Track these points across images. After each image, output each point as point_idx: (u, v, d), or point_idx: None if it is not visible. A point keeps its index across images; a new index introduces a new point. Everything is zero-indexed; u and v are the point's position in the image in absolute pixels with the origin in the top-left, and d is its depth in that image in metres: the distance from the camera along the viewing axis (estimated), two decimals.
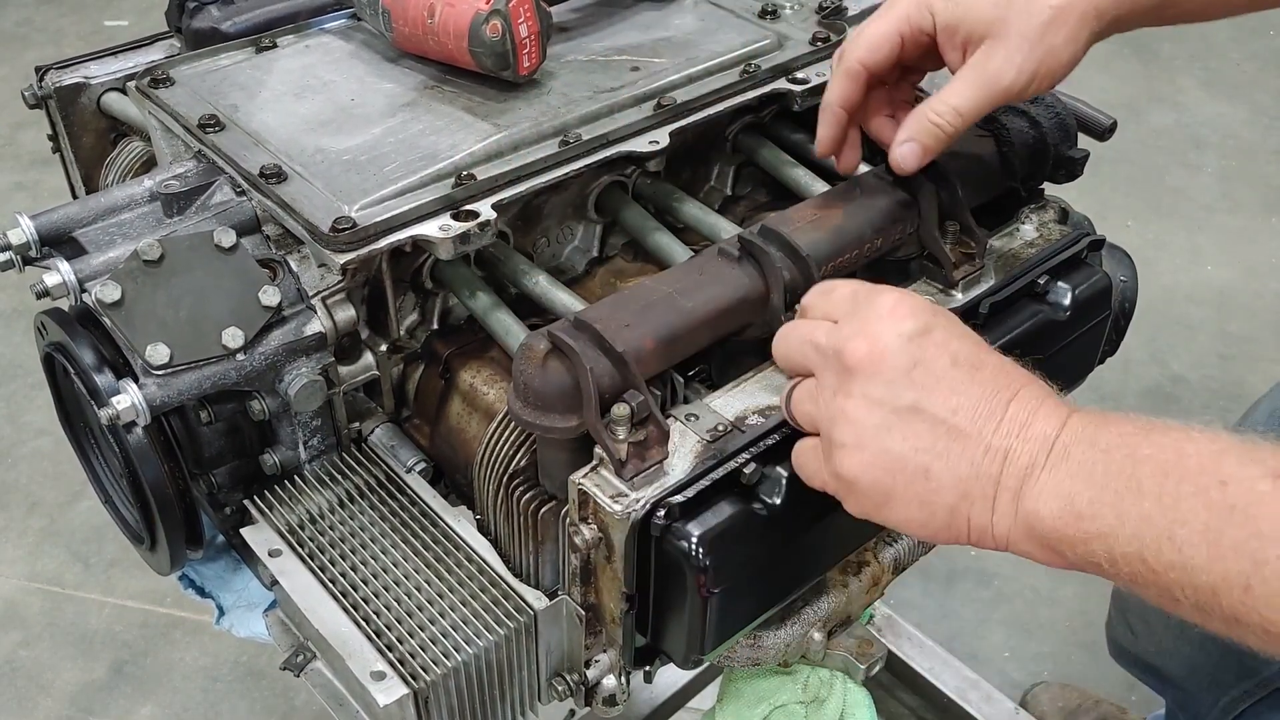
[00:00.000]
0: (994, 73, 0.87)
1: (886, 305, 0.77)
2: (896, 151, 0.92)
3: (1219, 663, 1.44)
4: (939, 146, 0.91)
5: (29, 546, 2.36)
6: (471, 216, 0.94)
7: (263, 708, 2.07)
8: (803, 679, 1.14)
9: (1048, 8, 0.86)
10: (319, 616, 0.92)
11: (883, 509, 0.76)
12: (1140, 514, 0.66)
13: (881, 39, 0.90)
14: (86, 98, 1.20)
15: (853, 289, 0.81)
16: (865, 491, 0.76)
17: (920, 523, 0.75)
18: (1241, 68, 3.88)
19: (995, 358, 0.76)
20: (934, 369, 0.74)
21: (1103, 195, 3.22)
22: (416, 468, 1.02)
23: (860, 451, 0.75)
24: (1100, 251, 1.07)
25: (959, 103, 0.89)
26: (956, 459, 0.72)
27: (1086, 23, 0.88)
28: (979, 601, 2.23)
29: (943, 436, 0.73)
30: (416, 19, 1.07)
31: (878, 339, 0.75)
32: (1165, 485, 0.65)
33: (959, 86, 0.89)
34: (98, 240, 0.98)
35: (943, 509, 0.73)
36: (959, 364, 0.74)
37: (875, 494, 0.75)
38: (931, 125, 0.90)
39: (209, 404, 0.95)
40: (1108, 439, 0.69)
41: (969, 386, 0.73)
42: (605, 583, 0.86)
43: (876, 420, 0.74)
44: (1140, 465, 0.67)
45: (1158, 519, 0.65)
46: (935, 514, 0.74)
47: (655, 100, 1.08)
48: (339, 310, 0.96)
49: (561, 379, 0.82)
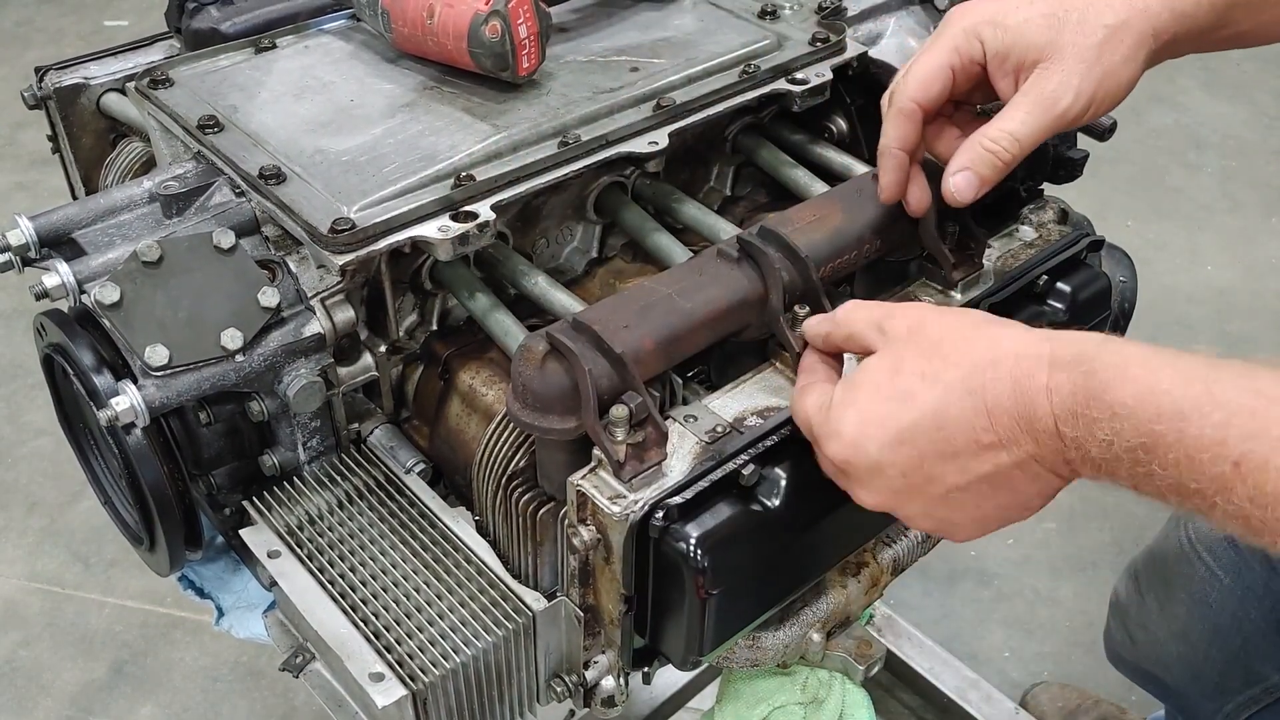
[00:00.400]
0: (1051, 97, 0.84)
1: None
2: (951, 181, 0.87)
3: (1224, 670, 1.44)
4: (996, 176, 0.87)
5: (29, 546, 2.36)
6: (470, 217, 0.94)
7: (263, 708, 2.07)
8: (801, 680, 1.14)
9: (1102, 27, 0.83)
10: (318, 617, 0.92)
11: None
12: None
13: (933, 74, 0.86)
14: (86, 98, 1.20)
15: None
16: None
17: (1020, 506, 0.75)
18: (1241, 68, 3.88)
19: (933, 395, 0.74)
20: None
21: (1103, 195, 3.22)
22: (415, 469, 1.02)
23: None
24: (1100, 252, 1.07)
25: (1015, 128, 0.85)
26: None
27: (1144, 42, 0.85)
28: (979, 601, 2.23)
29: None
30: (416, 20, 1.07)
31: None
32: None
33: (1015, 112, 0.85)
34: (97, 241, 0.98)
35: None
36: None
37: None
38: (988, 154, 0.86)
39: (208, 405, 0.95)
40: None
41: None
42: (604, 584, 0.86)
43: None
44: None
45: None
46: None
47: (654, 101, 1.08)
48: (338, 311, 0.96)
49: (560, 380, 0.82)
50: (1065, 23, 0.84)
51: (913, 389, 0.74)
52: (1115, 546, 2.32)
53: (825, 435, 0.78)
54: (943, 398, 0.72)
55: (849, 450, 0.76)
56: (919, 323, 0.77)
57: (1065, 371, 0.68)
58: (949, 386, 0.72)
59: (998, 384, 0.70)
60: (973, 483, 0.73)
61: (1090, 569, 2.28)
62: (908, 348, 0.76)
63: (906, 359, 0.75)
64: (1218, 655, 1.43)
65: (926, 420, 0.72)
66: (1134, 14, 0.84)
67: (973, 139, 0.87)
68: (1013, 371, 0.70)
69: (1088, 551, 2.31)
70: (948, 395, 0.72)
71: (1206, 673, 1.46)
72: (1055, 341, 0.70)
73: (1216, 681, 1.45)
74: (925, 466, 0.73)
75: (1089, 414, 0.66)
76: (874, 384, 0.76)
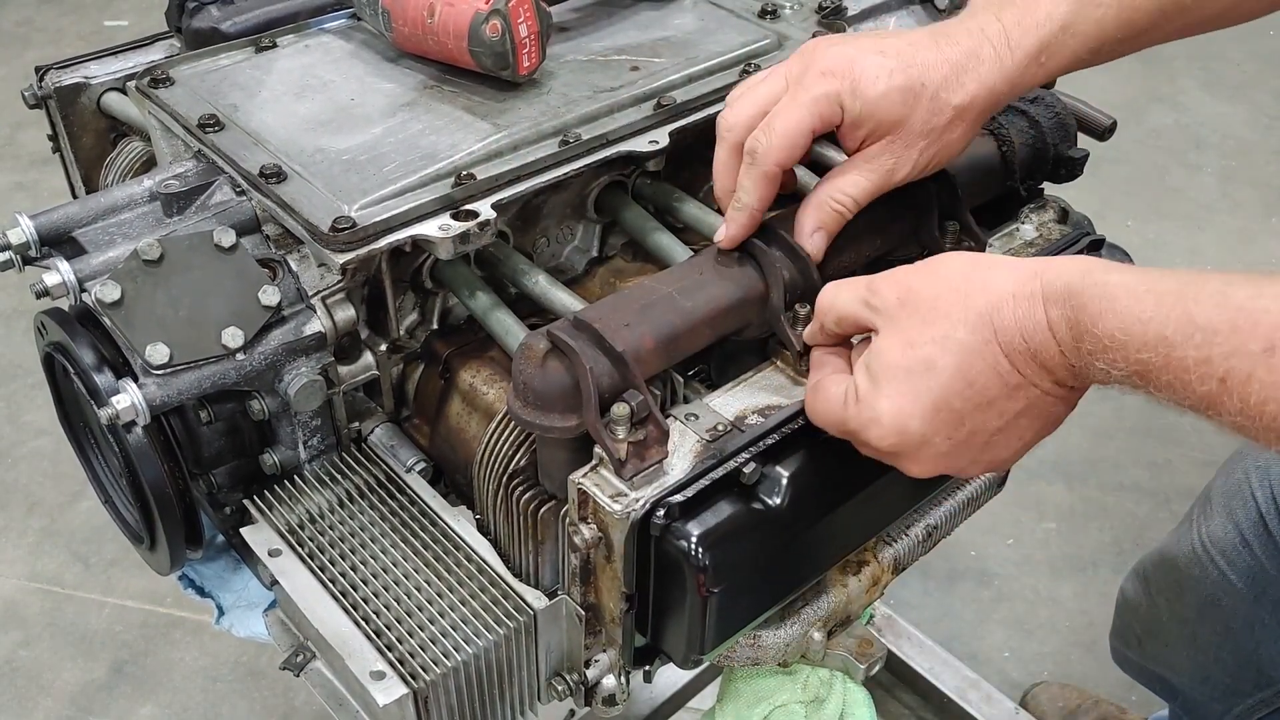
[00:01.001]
0: (890, 168, 0.91)
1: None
2: (810, 241, 0.93)
3: (1235, 672, 1.43)
4: (839, 229, 0.94)
5: (29, 546, 2.36)
6: (471, 216, 0.95)
7: (263, 708, 2.07)
8: (802, 679, 1.14)
9: (951, 108, 0.88)
10: (318, 616, 0.92)
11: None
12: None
13: (798, 138, 0.90)
14: (86, 98, 1.20)
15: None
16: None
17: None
18: (1241, 68, 3.88)
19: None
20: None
21: (1103, 195, 3.22)
22: (416, 467, 1.02)
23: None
24: (1100, 251, 1.07)
25: (856, 193, 0.92)
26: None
27: (985, 114, 0.91)
28: (979, 601, 2.23)
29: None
30: (416, 19, 1.07)
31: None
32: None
33: (856, 177, 0.92)
34: (97, 240, 0.98)
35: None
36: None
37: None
38: (834, 212, 0.93)
39: (209, 404, 0.95)
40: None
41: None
42: (605, 582, 0.86)
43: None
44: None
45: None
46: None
47: (655, 100, 1.08)
48: (339, 310, 0.96)
49: (561, 378, 0.82)
50: (919, 100, 0.88)
51: (931, 356, 0.76)
52: (1115, 546, 2.32)
53: (863, 425, 0.79)
54: (962, 356, 0.75)
55: (893, 434, 0.78)
56: (907, 289, 0.79)
57: (1058, 306, 0.72)
58: (963, 344, 0.75)
59: (1005, 330, 0.74)
60: (1010, 421, 0.77)
61: (1090, 569, 2.28)
62: (910, 318, 0.78)
63: (913, 329, 0.77)
64: (1229, 658, 1.43)
65: (955, 382, 0.75)
66: (981, 89, 0.88)
67: (818, 198, 0.93)
68: (1015, 313, 0.74)
69: (1088, 551, 2.31)
70: (965, 352, 0.75)
71: (1216, 675, 1.46)
72: (1045, 274, 0.74)
73: (1227, 684, 1.45)
74: (967, 423, 0.77)
75: (1084, 346, 0.71)
76: (893, 363, 0.77)
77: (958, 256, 0.80)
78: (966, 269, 0.78)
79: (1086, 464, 2.47)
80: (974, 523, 1.19)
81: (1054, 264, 0.74)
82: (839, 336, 0.87)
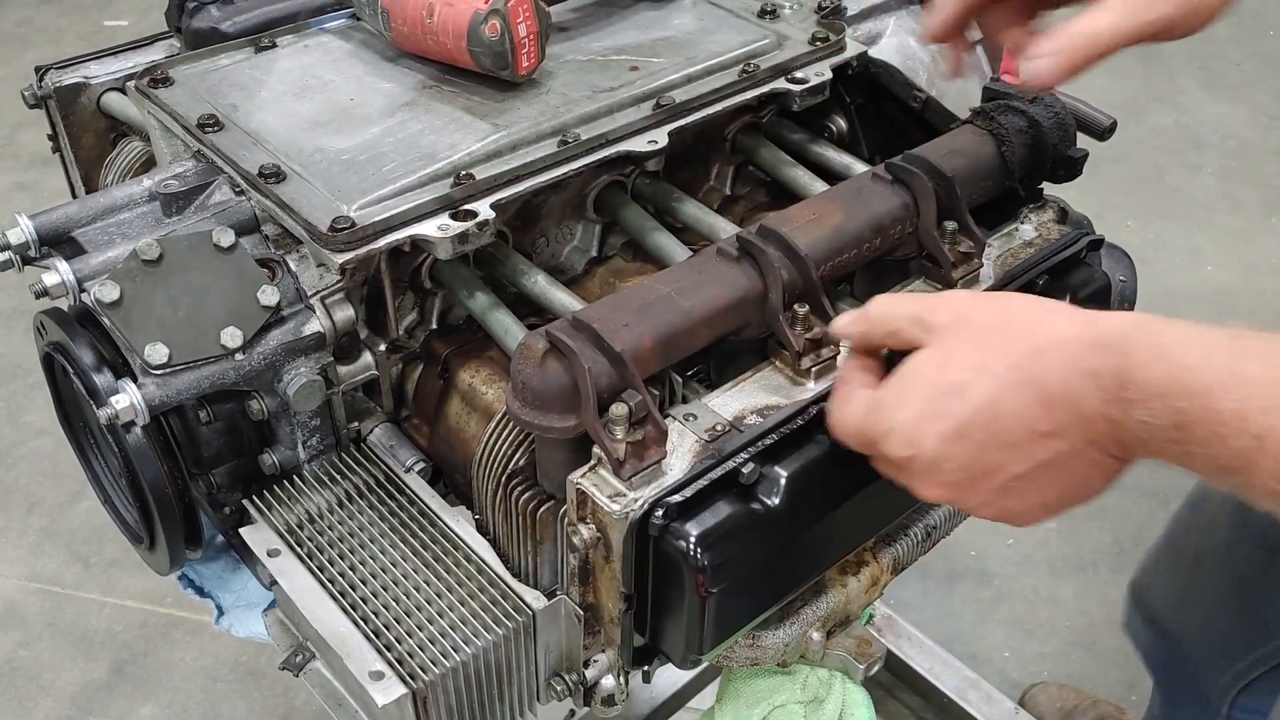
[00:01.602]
0: (1144, 7, 0.83)
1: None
2: (1037, 64, 0.85)
3: (1240, 623, 1.41)
4: (1081, 67, 0.85)
5: (29, 546, 2.36)
6: (470, 216, 0.95)
7: (263, 708, 2.07)
8: (802, 679, 1.14)
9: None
10: (317, 616, 0.92)
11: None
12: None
13: None
14: (86, 98, 1.20)
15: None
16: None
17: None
18: (1241, 68, 3.88)
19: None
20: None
21: (1103, 195, 3.22)
22: (415, 467, 1.02)
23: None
24: (1099, 251, 1.07)
25: (1106, 25, 0.83)
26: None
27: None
28: (979, 601, 2.23)
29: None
30: (415, 18, 1.07)
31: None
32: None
33: (1108, 14, 0.83)
34: (97, 240, 0.98)
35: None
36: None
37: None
38: (1081, 43, 0.83)
39: (208, 404, 0.95)
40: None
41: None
42: (604, 582, 0.86)
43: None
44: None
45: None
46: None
47: (654, 100, 1.08)
48: (338, 310, 0.96)
49: (560, 378, 0.82)
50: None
51: (965, 382, 0.73)
52: (1115, 546, 2.31)
53: (880, 435, 0.77)
54: (995, 389, 0.72)
55: (906, 446, 0.76)
56: (963, 314, 0.77)
57: (1105, 355, 0.69)
58: (1000, 378, 0.72)
59: (1047, 372, 0.71)
60: (1032, 471, 0.73)
61: (1090, 569, 2.28)
62: (955, 340, 0.76)
63: (955, 352, 0.75)
64: (1234, 611, 1.41)
65: (982, 413, 0.73)
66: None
67: (1064, 28, 0.85)
68: (1059, 357, 0.71)
69: (1088, 551, 2.31)
70: (1000, 386, 0.72)
71: (1221, 626, 1.43)
72: (1095, 324, 0.71)
73: (1230, 635, 1.42)
74: (985, 458, 0.74)
75: (1127, 395, 0.67)
76: (924, 379, 0.76)
77: (1022, 296, 0.78)
78: (1028, 307, 0.76)
79: None
80: (974, 523, 1.19)
81: (1110, 315, 0.72)
82: (878, 347, 0.84)
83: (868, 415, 0.79)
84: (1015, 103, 1.09)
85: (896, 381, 0.78)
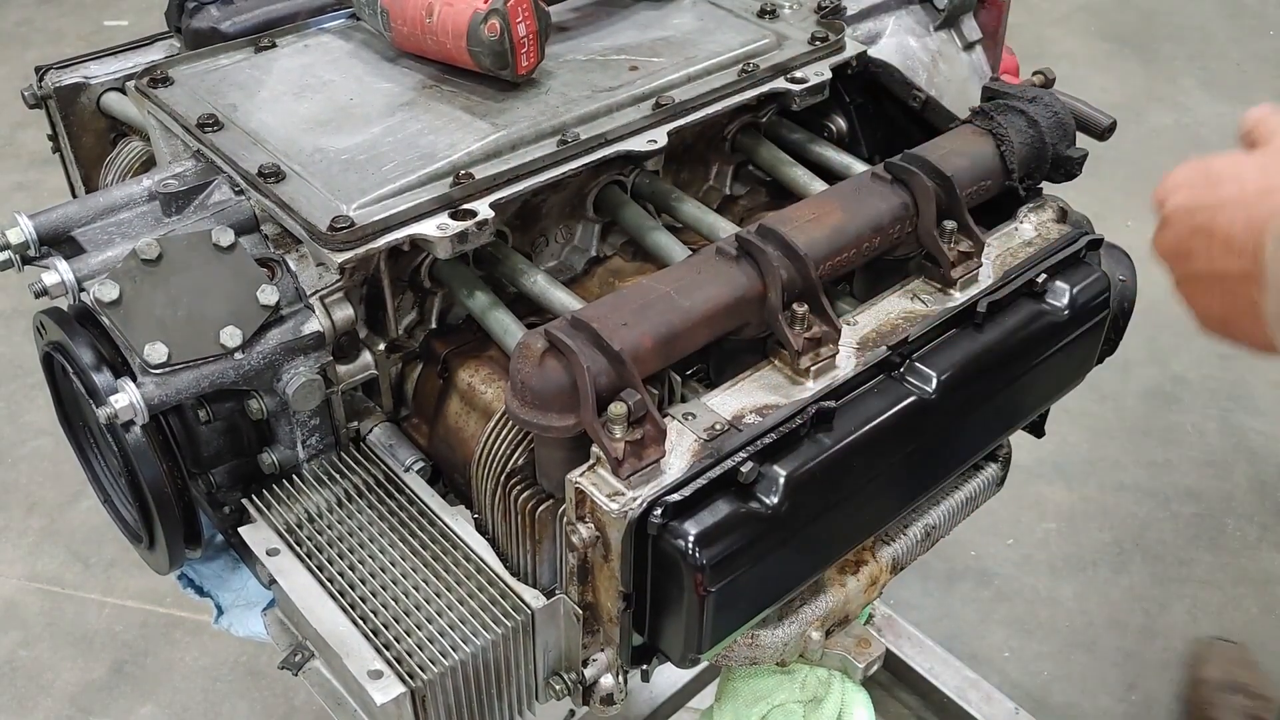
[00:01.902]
0: None
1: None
2: None
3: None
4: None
5: (29, 546, 2.36)
6: (469, 215, 0.95)
7: (263, 708, 2.07)
8: (801, 678, 1.14)
9: None
10: (317, 615, 0.92)
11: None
12: None
13: None
14: (86, 98, 1.20)
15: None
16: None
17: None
18: (1241, 68, 3.88)
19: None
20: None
21: (1102, 195, 3.21)
22: (414, 467, 1.02)
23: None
24: (1099, 251, 1.07)
25: None
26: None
27: None
28: (979, 601, 2.23)
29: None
30: (415, 18, 1.07)
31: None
32: None
33: None
34: (96, 239, 0.98)
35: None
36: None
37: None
38: None
39: (207, 403, 0.96)
40: None
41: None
42: (602, 581, 0.86)
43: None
44: None
45: None
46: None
47: (653, 100, 1.08)
48: (337, 309, 0.97)
49: (559, 378, 0.82)
50: None
51: (1223, 178, 0.82)
52: (1115, 546, 2.31)
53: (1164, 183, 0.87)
54: (1233, 197, 0.81)
55: (1161, 189, 0.86)
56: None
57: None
58: (1236, 197, 0.81)
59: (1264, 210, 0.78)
60: (1207, 276, 0.82)
61: (1090, 569, 2.28)
62: (1252, 153, 0.84)
63: (1244, 159, 0.84)
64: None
65: (1211, 202, 0.82)
66: None
67: None
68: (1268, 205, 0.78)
69: (1088, 551, 2.31)
70: (1237, 197, 0.81)
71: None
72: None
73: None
74: (1188, 241, 0.83)
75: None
76: (1213, 161, 0.85)
77: None
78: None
79: (1086, 464, 2.47)
80: (974, 523, 1.19)
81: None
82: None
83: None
84: (1015, 102, 1.09)
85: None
